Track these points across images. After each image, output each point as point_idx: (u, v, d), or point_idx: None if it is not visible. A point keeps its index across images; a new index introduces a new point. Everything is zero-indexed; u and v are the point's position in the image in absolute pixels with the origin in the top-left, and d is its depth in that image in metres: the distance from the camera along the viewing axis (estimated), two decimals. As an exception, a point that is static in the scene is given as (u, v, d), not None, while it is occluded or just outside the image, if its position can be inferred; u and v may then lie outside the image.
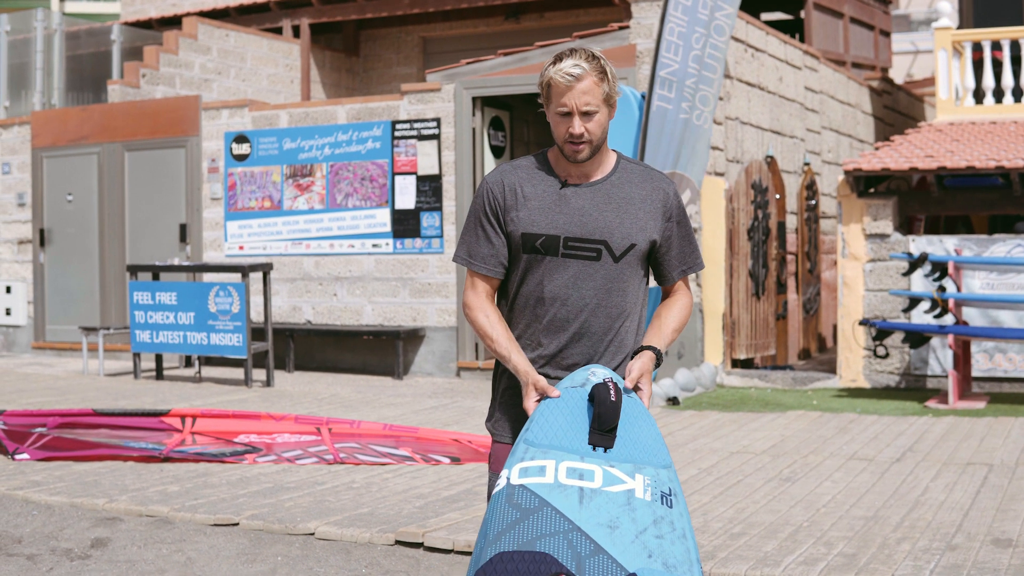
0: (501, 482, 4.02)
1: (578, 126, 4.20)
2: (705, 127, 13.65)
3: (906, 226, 15.42)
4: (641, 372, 4.20)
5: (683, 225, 4.43)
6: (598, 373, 4.14)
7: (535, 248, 4.28)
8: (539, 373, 4.27)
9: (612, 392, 4.03)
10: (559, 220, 4.27)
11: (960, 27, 20.41)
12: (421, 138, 15.71)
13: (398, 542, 7.34)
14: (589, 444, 4.03)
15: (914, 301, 13.66)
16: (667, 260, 4.42)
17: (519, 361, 4.26)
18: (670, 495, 4.00)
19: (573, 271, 4.27)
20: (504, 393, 4.42)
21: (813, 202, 18.06)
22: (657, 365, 4.27)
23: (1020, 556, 6.76)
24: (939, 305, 13.25)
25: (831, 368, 15.82)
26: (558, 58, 4.24)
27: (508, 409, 4.40)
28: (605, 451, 4.02)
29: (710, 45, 13.49)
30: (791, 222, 17.53)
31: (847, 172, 14.71)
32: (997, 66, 18.05)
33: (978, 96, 17.95)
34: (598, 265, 4.28)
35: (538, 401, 4.16)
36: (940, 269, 13.46)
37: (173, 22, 22.14)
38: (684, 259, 4.44)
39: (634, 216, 4.30)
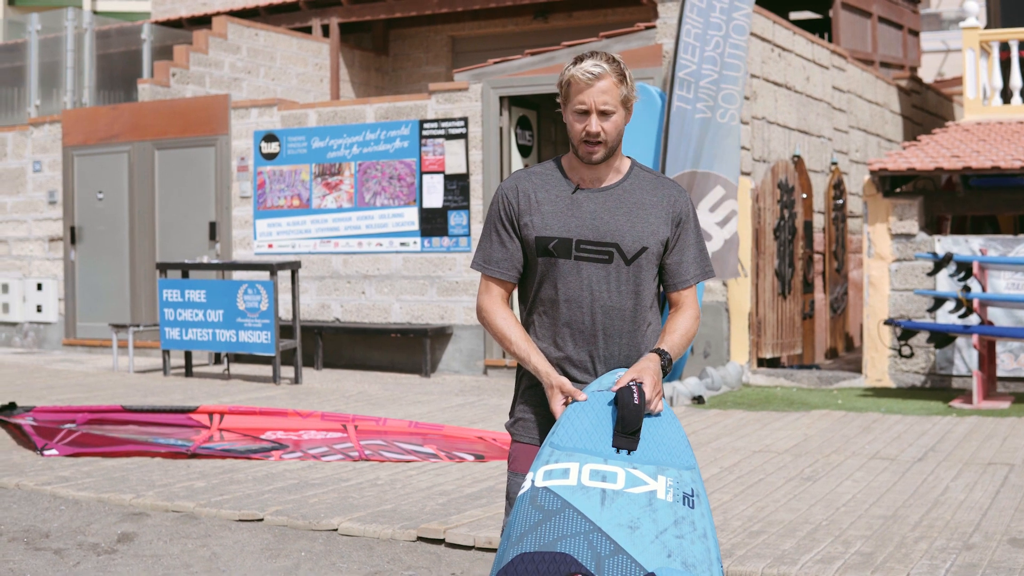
0: (526, 484, 4.07)
1: (595, 124, 4.25)
2: (732, 124, 13.72)
3: (934, 226, 15.42)
4: (639, 373, 4.16)
5: (696, 231, 4.47)
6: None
7: (548, 251, 4.34)
8: (560, 375, 4.32)
9: (636, 395, 4.07)
10: (571, 223, 4.33)
11: (988, 27, 20.37)
12: (449, 137, 15.79)
13: (420, 538, 7.41)
14: (613, 447, 4.08)
15: (939, 301, 13.66)
16: (680, 266, 4.44)
17: (539, 362, 4.32)
18: (692, 496, 4.04)
19: (587, 274, 4.33)
20: (525, 393, 4.48)
21: (841, 201, 18.06)
22: (664, 371, 4.25)
23: (1037, 555, 6.80)
24: (964, 305, 13.26)
25: (857, 367, 15.82)
26: (578, 59, 4.30)
27: (528, 409, 4.46)
28: (629, 453, 4.07)
29: (730, 44, 13.62)
30: (818, 221, 17.54)
31: (873, 172, 14.72)
32: (1025, 66, 18.02)
33: (1006, 96, 17.91)
34: (611, 267, 4.33)
35: (565, 404, 4.22)
36: (965, 269, 13.46)
37: (203, 21, 22.25)
38: (699, 264, 4.47)
39: (645, 220, 4.35)
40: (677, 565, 3.88)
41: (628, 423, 4.07)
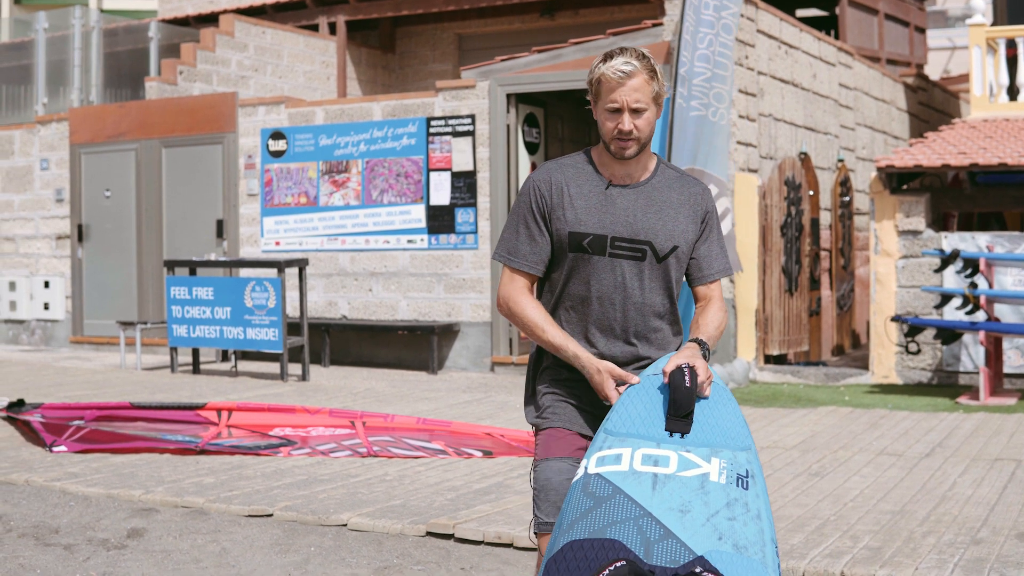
0: (579, 471, 4.06)
1: (628, 122, 4.25)
2: (722, 123, 13.79)
3: (941, 222, 15.43)
4: (687, 359, 4.13)
5: (718, 228, 4.50)
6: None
7: (582, 247, 4.33)
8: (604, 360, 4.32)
9: (687, 378, 4.07)
10: (606, 220, 4.32)
11: (994, 24, 20.38)
12: (456, 135, 15.80)
13: (429, 533, 7.43)
14: (666, 430, 4.07)
15: (946, 298, 13.68)
16: (706, 260, 4.46)
17: (579, 350, 4.30)
18: (747, 476, 4.01)
19: (620, 271, 4.34)
20: (551, 385, 4.44)
21: (847, 198, 18.07)
22: (704, 360, 4.23)
23: (1045, 550, 6.81)
24: (971, 302, 13.27)
25: (864, 364, 15.84)
26: (608, 56, 4.29)
27: (556, 398, 4.42)
28: (682, 436, 4.06)
29: (719, 43, 13.73)
30: (825, 218, 17.55)
31: (880, 169, 14.73)
32: (1032, 63, 18.02)
33: (1012, 93, 17.92)
34: (643, 265, 4.34)
35: (618, 389, 4.21)
36: (972, 266, 13.47)
37: (210, 19, 22.28)
38: (722, 259, 4.50)
39: (674, 219, 4.37)
40: (728, 547, 3.85)
41: (680, 406, 4.06)
